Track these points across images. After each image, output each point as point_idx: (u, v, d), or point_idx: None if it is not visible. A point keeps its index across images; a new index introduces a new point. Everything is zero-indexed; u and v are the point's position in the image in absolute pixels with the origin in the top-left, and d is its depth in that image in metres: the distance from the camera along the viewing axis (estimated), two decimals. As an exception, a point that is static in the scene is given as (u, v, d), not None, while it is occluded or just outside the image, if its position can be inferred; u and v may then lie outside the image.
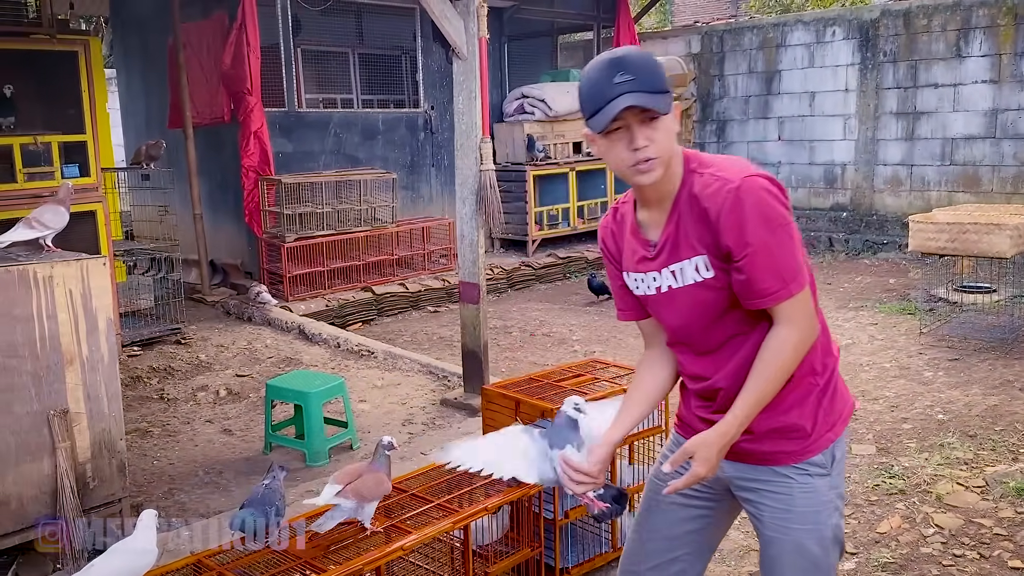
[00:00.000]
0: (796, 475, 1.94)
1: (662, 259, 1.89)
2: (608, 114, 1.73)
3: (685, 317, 1.92)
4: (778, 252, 1.77)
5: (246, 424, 5.27)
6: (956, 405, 5.12)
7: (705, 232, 1.80)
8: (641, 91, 1.72)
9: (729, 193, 1.75)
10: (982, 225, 5.72)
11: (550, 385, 3.77)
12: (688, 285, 1.87)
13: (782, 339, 1.82)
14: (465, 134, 5.17)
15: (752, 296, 1.80)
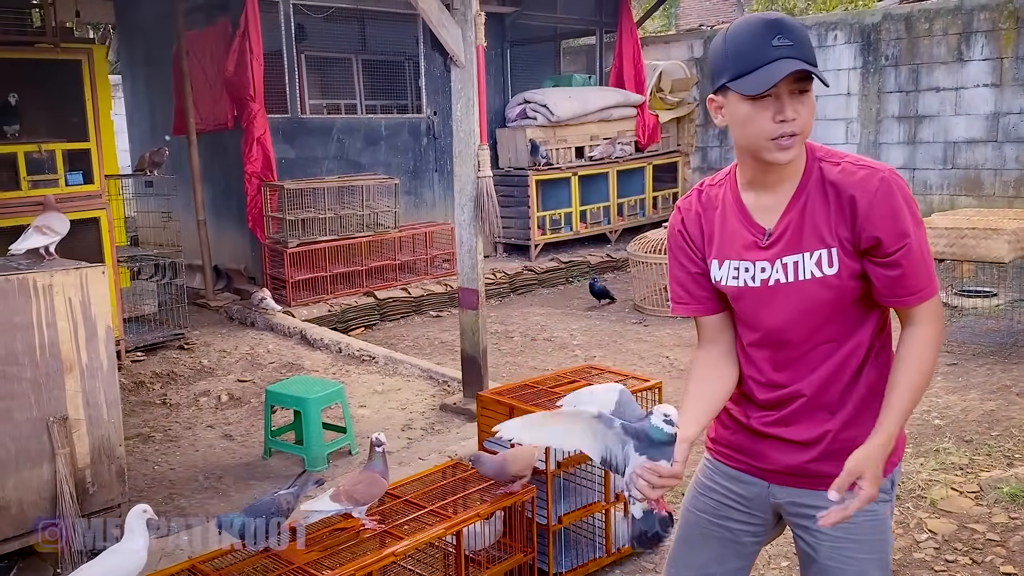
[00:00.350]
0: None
1: (777, 249, 1.76)
2: (770, 76, 1.59)
3: (788, 316, 1.78)
4: (927, 249, 1.72)
5: (247, 429, 5.32)
6: (953, 410, 5.13)
7: (842, 224, 1.69)
8: (801, 59, 1.60)
9: (882, 182, 1.66)
10: (980, 230, 5.73)
11: (545, 391, 3.81)
12: (802, 281, 1.74)
13: (928, 338, 1.73)
14: (463, 141, 5.21)
15: (902, 293, 1.70)
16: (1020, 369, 5.73)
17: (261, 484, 4.50)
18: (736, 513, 1.97)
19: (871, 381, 1.80)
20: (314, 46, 9.43)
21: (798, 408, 1.83)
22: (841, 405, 1.81)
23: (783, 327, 1.80)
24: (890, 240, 1.66)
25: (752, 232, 1.80)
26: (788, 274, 1.75)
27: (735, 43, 1.68)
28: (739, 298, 1.84)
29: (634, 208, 10.88)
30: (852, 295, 1.74)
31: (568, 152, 10.26)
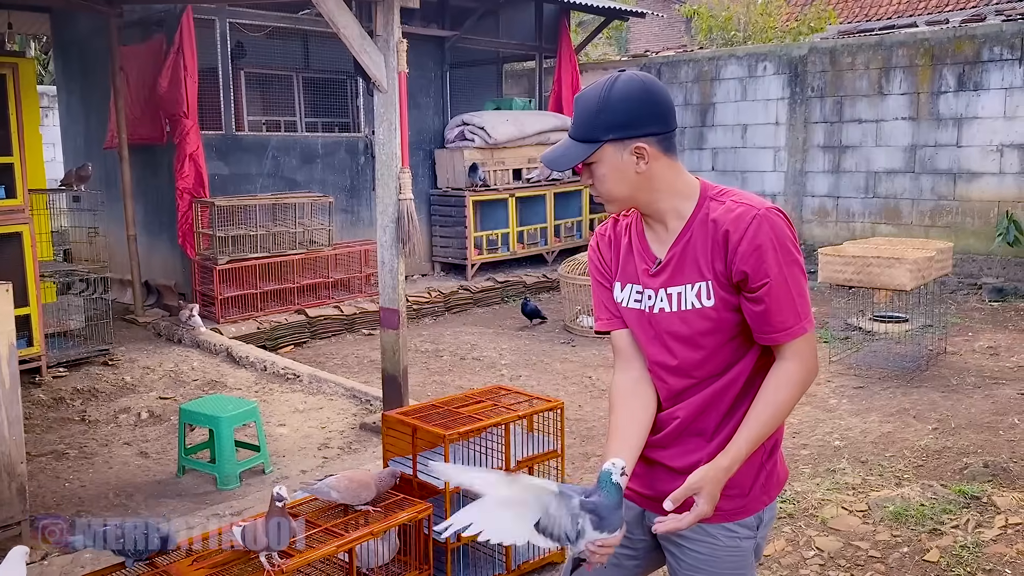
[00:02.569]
0: (723, 536, 1.90)
1: (663, 278, 1.87)
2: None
3: (674, 348, 1.88)
4: (794, 286, 1.76)
5: (163, 447, 5.32)
6: (853, 432, 5.35)
7: (718, 257, 1.79)
8: (572, 138, 1.84)
9: (754, 219, 1.74)
10: (884, 259, 5.99)
11: (450, 411, 3.90)
12: (684, 311, 1.84)
13: (789, 374, 1.79)
14: (385, 164, 5.30)
15: (767, 329, 1.77)
16: (920, 393, 5.98)
17: (171, 502, 4.52)
18: None
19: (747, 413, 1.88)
20: (254, 63, 9.47)
21: (674, 430, 1.92)
22: (716, 433, 1.88)
23: (665, 351, 1.90)
24: (754, 276, 1.74)
25: (646, 260, 1.92)
26: (672, 303, 1.86)
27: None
28: (635, 322, 1.95)
29: (571, 230, 11.06)
30: (731, 327, 1.82)
31: (506, 174, 10.42)
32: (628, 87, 1.82)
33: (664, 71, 11.47)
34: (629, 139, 1.79)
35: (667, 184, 1.84)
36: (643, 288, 1.91)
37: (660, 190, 1.84)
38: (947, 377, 6.31)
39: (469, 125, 10.14)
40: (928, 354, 6.67)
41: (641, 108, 1.80)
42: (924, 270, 6.08)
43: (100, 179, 8.40)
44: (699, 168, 11.23)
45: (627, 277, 1.96)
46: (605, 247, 2.02)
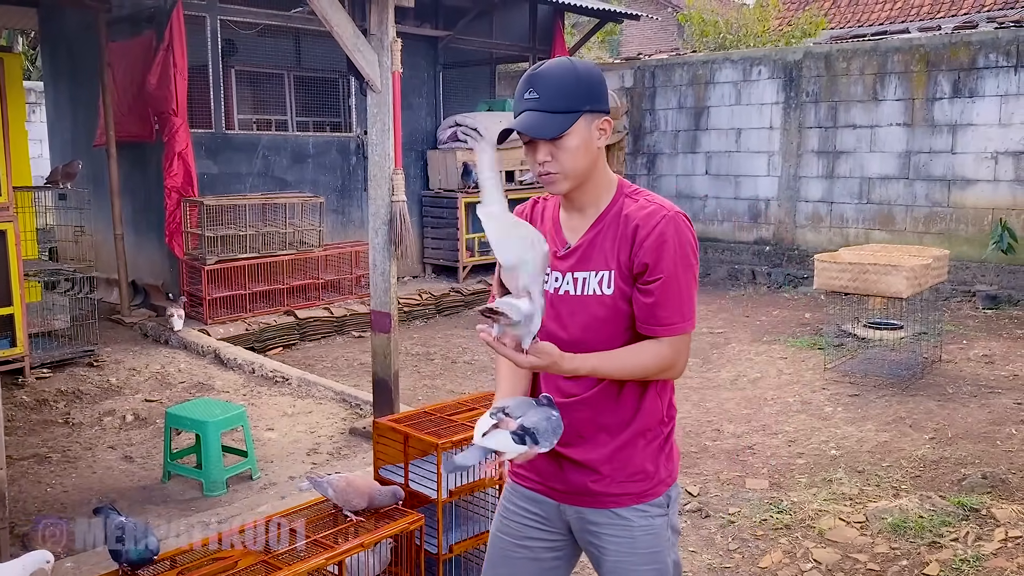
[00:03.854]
0: (637, 517, 2.01)
1: (571, 262, 1.95)
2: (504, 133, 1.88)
3: (572, 326, 1.95)
4: (685, 288, 1.88)
5: (148, 451, 5.22)
6: (849, 441, 5.29)
7: (623, 249, 1.89)
8: (541, 110, 1.83)
9: (663, 219, 1.86)
10: (880, 266, 5.94)
11: (443, 419, 3.82)
12: (586, 296, 1.93)
13: (661, 354, 1.90)
14: (378, 165, 5.22)
15: (651, 322, 1.89)
16: (916, 401, 5.93)
17: (156, 508, 4.42)
18: (535, 531, 2.12)
19: (650, 410, 2.00)
20: (246, 61, 9.36)
21: (578, 427, 1.99)
22: (619, 428, 1.99)
23: (566, 332, 1.96)
24: (652, 269, 1.86)
25: (557, 243, 1.99)
26: (576, 287, 1.95)
27: (514, 100, 1.95)
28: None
29: (563, 232, 10.98)
30: (624, 317, 1.92)
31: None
32: (587, 65, 1.93)
33: (658, 74, 11.42)
34: (598, 112, 1.89)
35: (602, 168, 1.95)
36: (551, 270, 1.97)
37: (599, 171, 1.94)
38: (943, 386, 6.27)
39: (462, 126, 10.06)
40: (923, 362, 6.62)
41: (601, 86, 1.92)
42: (921, 278, 6.04)
43: (88, 177, 8.27)
44: (692, 172, 11.19)
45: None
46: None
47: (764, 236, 10.70)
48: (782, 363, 7.07)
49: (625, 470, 2.00)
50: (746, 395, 6.28)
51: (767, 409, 5.95)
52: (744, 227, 10.87)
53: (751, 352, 7.42)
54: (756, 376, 6.73)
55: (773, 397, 6.20)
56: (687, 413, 5.90)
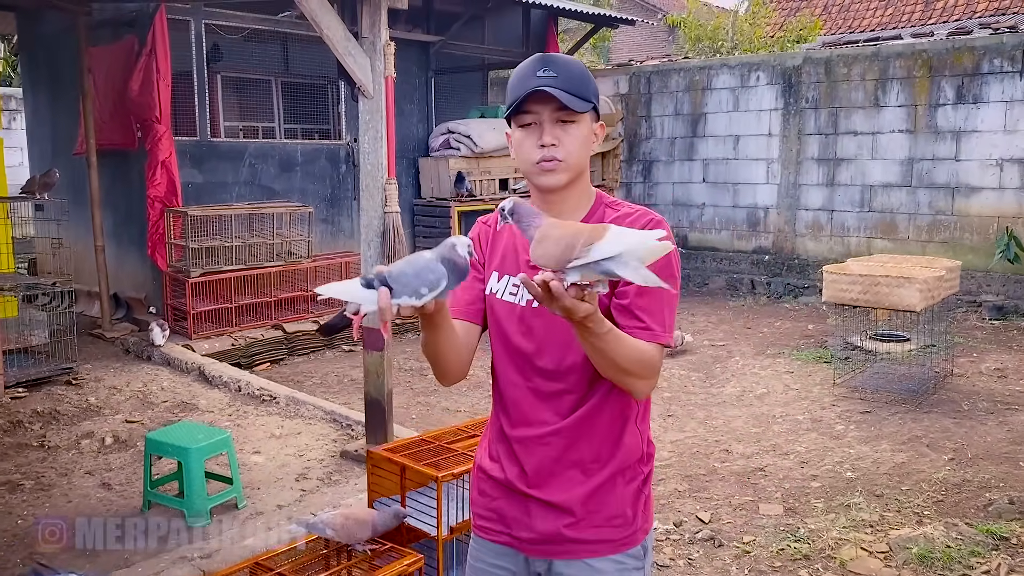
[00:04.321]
0: (613, 569, 1.85)
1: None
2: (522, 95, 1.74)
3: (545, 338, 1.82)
4: (667, 298, 1.75)
5: (128, 477, 4.93)
6: (865, 462, 5.06)
7: None
8: (561, 88, 1.73)
9: (650, 221, 1.78)
10: (893, 278, 5.72)
11: (442, 448, 3.57)
12: None
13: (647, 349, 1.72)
14: (370, 175, 4.96)
15: (632, 324, 1.75)
16: (931, 419, 5.71)
17: (134, 541, 4.13)
18: None
19: (629, 445, 1.85)
20: (231, 67, 9.09)
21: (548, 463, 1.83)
22: (596, 465, 1.83)
23: (539, 350, 1.82)
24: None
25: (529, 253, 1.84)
26: None
27: (512, 80, 1.81)
28: (507, 317, 1.87)
29: (558, 242, 10.74)
30: None
31: (492, 184, 10.09)
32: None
33: (654, 80, 11.21)
34: (596, 115, 1.84)
35: (587, 175, 1.89)
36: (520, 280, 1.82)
37: (585, 177, 1.87)
38: (957, 402, 6.05)
39: (454, 133, 9.81)
40: (934, 376, 6.41)
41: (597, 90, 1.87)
42: (934, 290, 5.83)
43: (69, 186, 7.99)
44: (690, 179, 10.97)
45: (507, 268, 1.89)
46: (484, 236, 1.96)
47: (763, 245, 10.49)
48: (788, 377, 6.84)
49: (602, 513, 1.83)
50: (753, 412, 6.04)
51: (776, 427, 5.72)
52: (743, 236, 10.65)
53: (755, 366, 7.19)
54: (762, 391, 6.50)
55: (782, 414, 5.97)
56: (693, 431, 5.67)
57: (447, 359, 1.83)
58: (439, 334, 1.77)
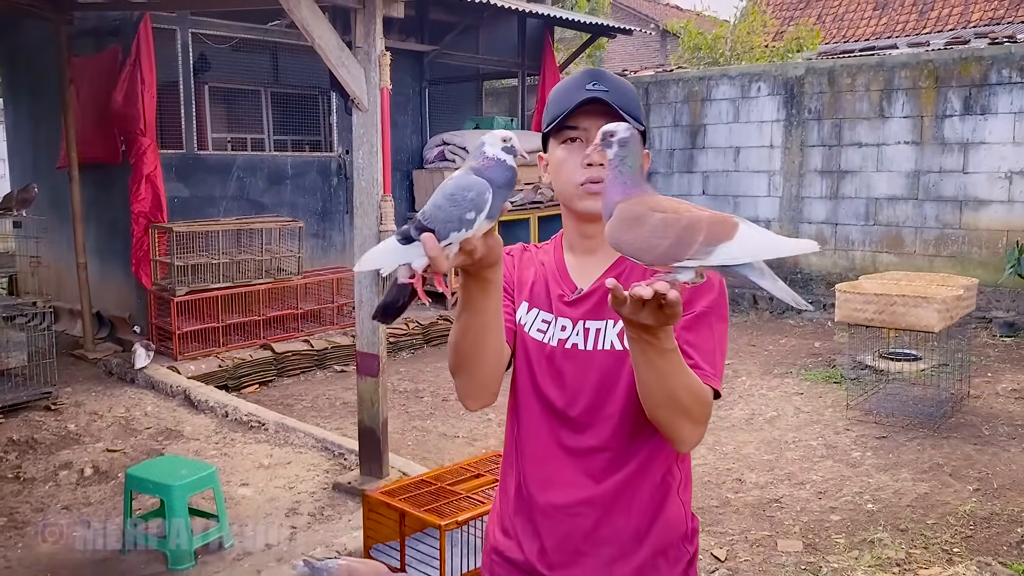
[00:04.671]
0: None
1: (583, 309, 1.60)
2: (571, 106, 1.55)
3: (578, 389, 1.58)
4: (719, 338, 1.53)
5: (107, 512, 4.64)
6: (886, 492, 4.81)
7: None
8: (615, 104, 1.55)
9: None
10: (910, 298, 5.49)
11: (443, 490, 3.31)
12: (601, 351, 1.56)
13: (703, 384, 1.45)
14: (364, 191, 4.71)
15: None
16: (951, 445, 5.47)
17: (112, 588, 3.86)
18: None
19: (673, 518, 1.60)
20: (220, 77, 8.82)
21: (584, 533, 1.57)
22: (634, 543, 1.57)
23: (571, 399, 1.58)
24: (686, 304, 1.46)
25: (563, 286, 1.65)
26: (588, 341, 1.58)
27: (555, 94, 1.63)
28: (536, 357, 1.63)
29: (555, 256, 10.49)
30: None
31: (487, 197, 9.83)
32: None
33: (652, 90, 10.99)
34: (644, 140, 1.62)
35: None
36: (555, 317, 1.63)
37: None
38: (976, 426, 5.81)
39: (449, 145, 9.56)
40: (950, 398, 6.17)
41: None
42: (952, 310, 5.60)
43: (51, 201, 7.71)
44: (689, 192, 10.74)
45: (536, 301, 1.67)
46: (508, 264, 1.73)
47: (765, 259, 10.23)
48: (798, 399, 6.60)
49: None
50: (764, 437, 5.79)
51: (790, 454, 5.47)
52: (744, 249, 10.39)
53: (763, 387, 6.94)
54: (772, 415, 6.25)
55: (794, 440, 5.72)
56: (703, 459, 5.41)
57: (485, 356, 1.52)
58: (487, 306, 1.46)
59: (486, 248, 1.36)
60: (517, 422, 1.69)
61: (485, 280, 1.43)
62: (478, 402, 1.59)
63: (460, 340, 1.52)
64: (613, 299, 1.26)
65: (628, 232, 1.27)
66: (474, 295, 1.45)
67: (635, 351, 1.36)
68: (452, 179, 1.35)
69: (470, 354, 1.53)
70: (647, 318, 1.26)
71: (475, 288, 1.44)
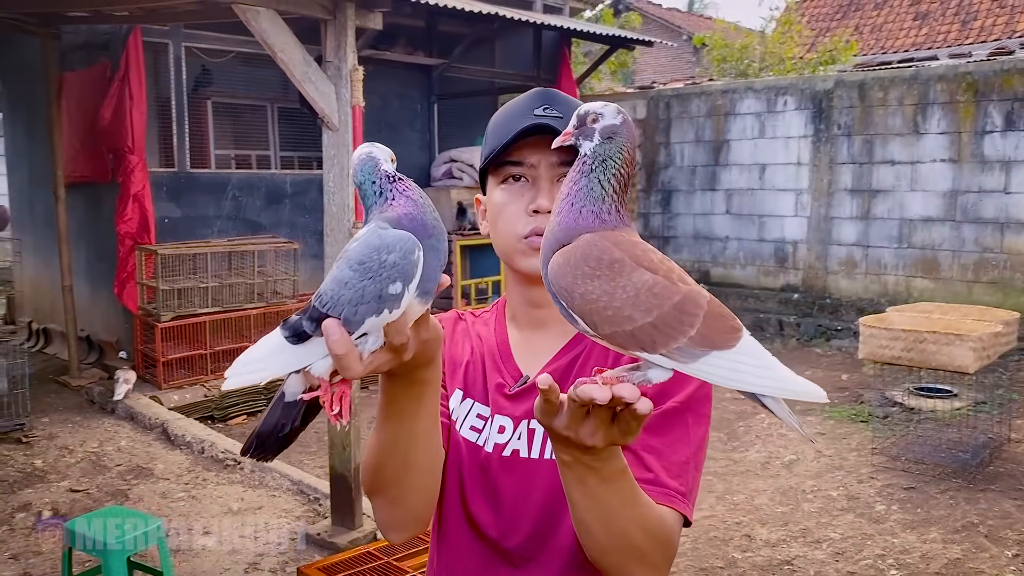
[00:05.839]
0: None
1: (530, 404, 1.10)
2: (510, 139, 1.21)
3: (516, 510, 1.22)
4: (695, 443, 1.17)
5: (55, 565, 4.28)
6: (912, 556, 4.30)
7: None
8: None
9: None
10: (942, 335, 4.96)
11: (390, 567, 2.89)
12: (550, 460, 1.18)
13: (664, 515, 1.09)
14: (335, 217, 4.33)
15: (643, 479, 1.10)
16: (987, 500, 4.92)
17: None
18: None
19: None
20: (224, 92, 8.54)
21: None
22: None
23: (508, 529, 1.22)
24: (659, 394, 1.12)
25: (504, 373, 1.28)
26: (533, 446, 1.22)
27: (496, 120, 1.29)
28: (468, 466, 1.26)
29: (570, 277, 10.06)
30: None
31: (498, 215, 9.44)
32: None
33: (673, 104, 10.52)
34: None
35: None
36: (492, 413, 1.26)
37: None
38: (1017, 477, 5.26)
39: (457, 162, 9.19)
40: (988, 443, 5.62)
41: None
42: (989, 348, 5.06)
43: (45, 220, 7.47)
44: (712, 211, 10.24)
45: (471, 390, 1.31)
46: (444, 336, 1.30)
47: (792, 282, 9.70)
48: (820, 441, 6.08)
49: None
50: (780, 485, 5.29)
51: (807, 506, 4.96)
52: (769, 272, 9.87)
53: (783, 425, 6.41)
54: (791, 458, 5.74)
55: (813, 489, 5.21)
56: (711, 509, 4.93)
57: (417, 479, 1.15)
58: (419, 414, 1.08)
59: (419, 343, 0.98)
60: (441, 546, 1.30)
61: (419, 383, 1.05)
62: (405, 533, 1.22)
63: (383, 460, 1.12)
64: (542, 404, 0.90)
65: (590, 281, 0.87)
66: (402, 402, 1.07)
67: (568, 479, 1.00)
68: (358, 239, 0.95)
69: (395, 479, 1.14)
70: (591, 436, 0.90)
71: (403, 393, 1.06)
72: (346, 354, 0.89)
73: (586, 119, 0.95)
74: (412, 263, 0.90)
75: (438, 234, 0.95)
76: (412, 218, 0.94)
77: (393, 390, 1.06)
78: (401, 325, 0.91)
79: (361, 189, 0.99)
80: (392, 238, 0.91)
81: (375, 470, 1.14)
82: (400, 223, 0.93)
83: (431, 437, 1.13)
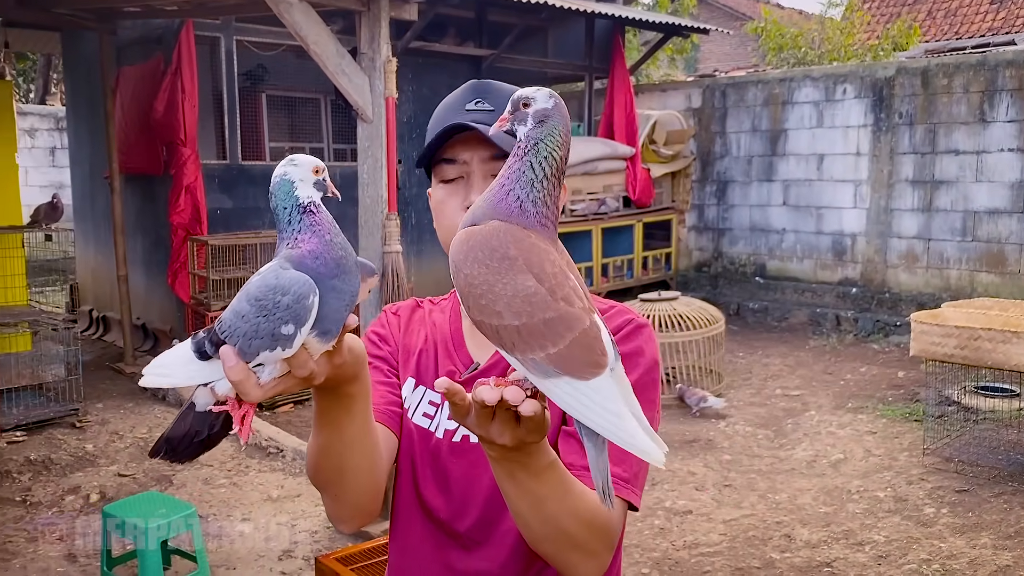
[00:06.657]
0: None
1: None
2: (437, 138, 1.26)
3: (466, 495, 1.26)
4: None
5: (98, 546, 4.40)
6: (959, 561, 4.13)
7: None
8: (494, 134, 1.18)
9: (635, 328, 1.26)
10: (998, 332, 4.76)
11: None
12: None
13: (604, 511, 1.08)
14: (369, 209, 4.36)
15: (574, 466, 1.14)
16: (1045, 505, 4.71)
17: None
18: None
19: None
20: (279, 85, 8.68)
21: None
22: None
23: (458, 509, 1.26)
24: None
25: (456, 360, 1.32)
26: None
27: (435, 115, 1.33)
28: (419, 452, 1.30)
29: (620, 269, 9.96)
30: None
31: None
32: None
33: (729, 93, 10.30)
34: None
35: None
36: (443, 400, 1.28)
37: None
38: (1079, 482, 5.02)
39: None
40: (1049, 445, 5.38)
41: None
42: (1050, 346, 4.82)
43: (104, 212, 7.69)
44: (768, 202, 10.01)
45: (423, 377, 1.35)
46: (395, 327, 1.42)
47: (850, 276, 9.43)
48: (871, 440, 5.89)
49: None
50: (825, 484, 5.14)
51: (851, 507, 4.81)
52: (827, 265, 9.61)
53: (833, 423, 6.25)
54: (838, 457, 5.58)
55: (859, 489, 5.05)
56: (751, 508, 4.82)
57: (355, 479, 1.18)
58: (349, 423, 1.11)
59: (332, 368, 1.00)
60: (396, 531, 1.35)
61: (346, 396, 1.08)
62: (353, 524, 1.26)
63: (320, 462, 1.16)
64: (450, 406, 0.93)
65: (477, 266, 0.89)
66: (332, 413, 1.10)
67: (499, 473, 1.03)
68: (261, 273, 0.95)
69: (334, 479, 1.19)
70: (499, 435, 0.93)
71: (332, 405, 1.09)
72: (241, 381, 0.92)
73: (519, 104, 0.94)
74: (305, 308, 0.90)
75: (344, 274, 0.94)
76: (316, 256, 0.93)
77: (323, 402, 1.09)
78: (302, 359, 0.93)
79: (274, 214, 0.98)
80: (288, 281, 0.91)
81: (314, 470, 1.19)
82: (303, 262, 0.93)
83: (364, 442, 1.16)
